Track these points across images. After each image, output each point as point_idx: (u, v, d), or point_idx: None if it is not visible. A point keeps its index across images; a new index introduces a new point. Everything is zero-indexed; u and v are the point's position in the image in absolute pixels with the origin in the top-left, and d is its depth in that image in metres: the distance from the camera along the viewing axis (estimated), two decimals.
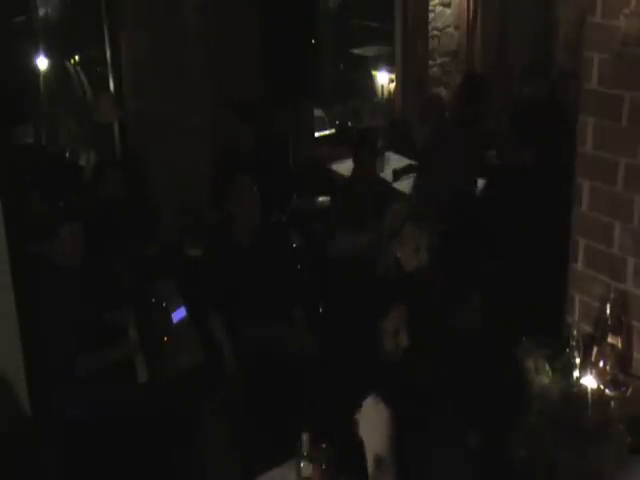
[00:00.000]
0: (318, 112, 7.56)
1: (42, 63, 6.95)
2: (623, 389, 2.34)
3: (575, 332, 2.49)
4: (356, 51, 9.49)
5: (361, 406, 2.32)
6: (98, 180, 4.78)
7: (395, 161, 5.93)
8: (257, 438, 3.58)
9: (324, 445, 2.32)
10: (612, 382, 2.35)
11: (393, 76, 7.54)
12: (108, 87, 5.62)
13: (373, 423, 2.27)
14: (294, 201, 5.44)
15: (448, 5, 7.34)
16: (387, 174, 5.64)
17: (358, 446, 2.28)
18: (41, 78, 6.93)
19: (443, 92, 7.25)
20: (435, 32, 7.45)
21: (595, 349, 2.41)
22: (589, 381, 2.37)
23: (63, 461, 3.06)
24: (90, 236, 3.66)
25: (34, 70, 6.86)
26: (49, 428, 2.98)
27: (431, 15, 7.30)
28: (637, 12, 2.27)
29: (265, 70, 5.46)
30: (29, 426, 2.79)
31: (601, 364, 2.38)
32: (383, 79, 7.86)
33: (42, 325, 3.33)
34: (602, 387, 2.35)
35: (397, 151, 6.05)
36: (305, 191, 5.56)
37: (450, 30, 7.36)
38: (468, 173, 5.05)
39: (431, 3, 7.27)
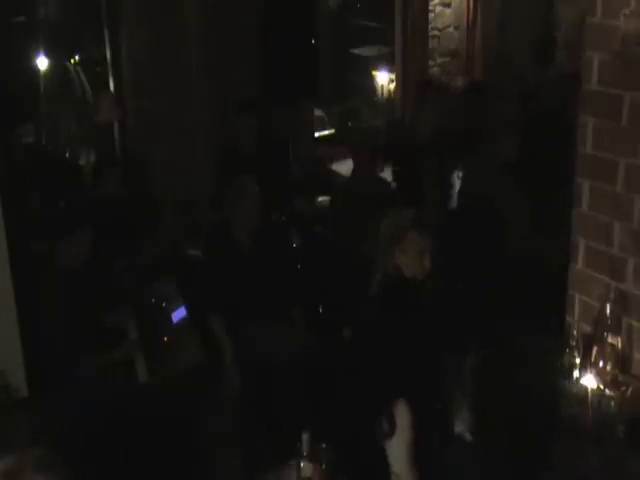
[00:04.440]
0: (318, 112, 7.56)
1: (42, 63, 6.95)
2: (623, 389, 2.34)
3: (575, 332, 2.49)
4: (356, 51, 9.51)
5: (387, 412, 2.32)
6: (98, 180, 4.78)
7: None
8: (257, 438, 3.58)
9: (324, 445, 2.33)
10: (612, 382, 2.35)
11: (393, 76, 7.54)
12: (108, 87, 5.62)
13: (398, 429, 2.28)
14: (294, 201, 5.43)
15: (448, 5, 7.34)
16: (387, 174, 5.63)
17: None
18: (41, 78, 6.94)
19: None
20: (435, 32, 7.44)
21: (595, 349, 2.41)
22: (589, 381, 2.37)
23: (62, 461, 3.05)
24: (90, 236, 3.66)
25: (34, 70, 6.86)
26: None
27: (431, 15, 7.30)
28: (637, 12, 2.27)
29: (265, 70, 5.46)
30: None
31: (601, 364, 2.37)
32: (383, 79, 7.87)
33: (42, 325, 3.34)
34: (602, 387, 2.35)
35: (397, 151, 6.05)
36: (305, 191, 5.55)
37: (450, 30, 7.36)
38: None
39: (431, 3, 7.27)
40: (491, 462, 2.47)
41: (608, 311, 2.41)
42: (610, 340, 2.39)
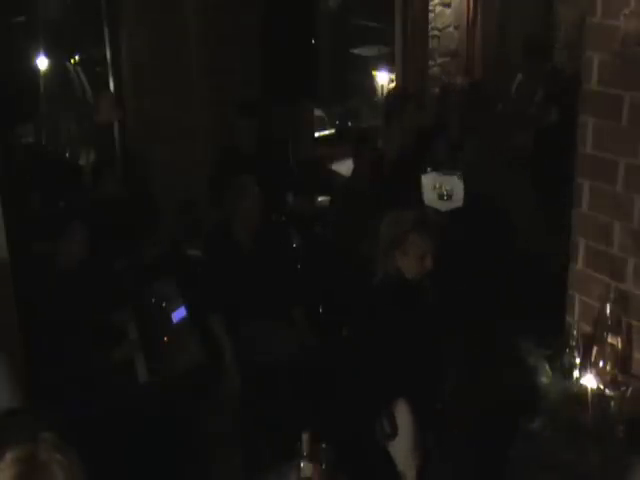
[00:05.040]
0: (318, 112, 7.55)
1: (42, 63, 6.95)
2: (623, 389, 2.34)
3: (575, 332, 2.49)
4: (356, 51, 9.49)
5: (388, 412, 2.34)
6: (98, 180, 4.78)
7: None
8: (257, 438, 3.58)
9: (324, 445, 2.33)
10: (612, 382, 2.35)
11: (393, 76, 7.53)
12: (108, 87, 5.62)
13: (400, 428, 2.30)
14: (294, 201, 5.43)
15: (448, 5, 7.34)
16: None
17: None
18: (41, 78, 6.93)
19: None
20: (435, 32, 7.44)
21: (595, 349, 2.41)
22: (589, 381, 2.38)
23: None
24: (90, 236, 3.66)
25: (34, 70, 6.86)
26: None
27: (431, 15, 7.29)
28: (637, 12, 2.27)
29: (265, 70, 5.46)
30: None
31: (601, 364, 2.38)
32: (383, 79, 7.85)
33: (42, 325, 3.34)
34: (602, 387, 2.35)
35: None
36: (305, 191, 5.55)
37: (450, 30, 7.36)
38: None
39: (431, 3, 7.26)
40: (488, 462, 2.48)
41: (608, 311, 2.41)
42: (610, 340, 2.40)
